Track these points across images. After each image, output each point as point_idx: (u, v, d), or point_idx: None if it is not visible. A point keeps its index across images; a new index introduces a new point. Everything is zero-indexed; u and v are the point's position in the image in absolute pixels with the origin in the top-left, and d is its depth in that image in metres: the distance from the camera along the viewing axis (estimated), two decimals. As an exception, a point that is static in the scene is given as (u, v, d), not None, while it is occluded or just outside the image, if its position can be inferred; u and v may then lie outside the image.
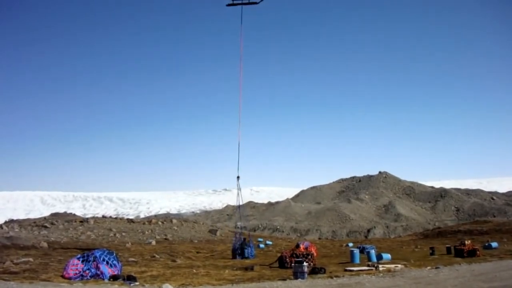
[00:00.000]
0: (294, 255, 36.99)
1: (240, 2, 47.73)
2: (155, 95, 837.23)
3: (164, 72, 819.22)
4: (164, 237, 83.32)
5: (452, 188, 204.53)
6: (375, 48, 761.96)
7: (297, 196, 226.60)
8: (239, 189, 50.78)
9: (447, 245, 55.44)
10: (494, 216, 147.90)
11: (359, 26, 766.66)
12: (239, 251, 50.81)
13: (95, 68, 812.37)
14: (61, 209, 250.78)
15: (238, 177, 50.52)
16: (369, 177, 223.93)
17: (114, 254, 30.64)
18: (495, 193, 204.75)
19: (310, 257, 37.46)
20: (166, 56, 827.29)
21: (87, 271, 28.12)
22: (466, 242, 49.36)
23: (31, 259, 38.18)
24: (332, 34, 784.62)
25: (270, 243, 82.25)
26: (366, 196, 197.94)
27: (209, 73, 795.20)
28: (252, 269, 35.68)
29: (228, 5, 47.81)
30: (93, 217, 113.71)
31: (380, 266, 35.00)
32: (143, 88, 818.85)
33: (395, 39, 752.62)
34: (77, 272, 28.06)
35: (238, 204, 53.30)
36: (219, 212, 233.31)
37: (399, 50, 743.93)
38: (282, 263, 37.94)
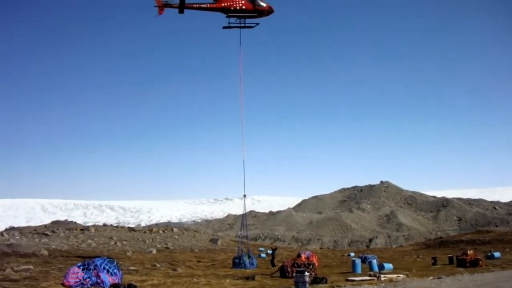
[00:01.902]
0: (296, 265, 36.88)
1: (236, 25, 51.02)
2: (157, 104, 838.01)
3: (166, 81, 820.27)
4: (165, 246, 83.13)
5: (454, 198, 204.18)
6: (377, 57, 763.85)
7: (298, 205, 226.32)
8: (244, 205, 51.86)
9: (449, 255, 55.27)
10: (497, 226, 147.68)
11: (362, 35, 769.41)
12: (237, 261, 50.76)
13: (98, 78, 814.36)
14: (62, 217, 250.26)
15: (244, 195, 51.36)
16: (371, 186, 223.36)
17: (115, 263, 30.51)
18: (497, 202, 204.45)
19: (311, 266, 37.33)
20: (169, 64, 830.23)
21: (87, 280, 27.98)
22: (469, 252, 49.17)
23: (31, 267, 38.04)
24: (335, 44, 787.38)
25: (269, 252, 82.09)
26: (368, 206, 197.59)
27: (211, 81, 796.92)
28: (253, 278, 35.56)
29: (224, 27, 51.07)
30: (94, 225, 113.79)
31: (382, 276, 34.87)
32: (144, 96, 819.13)
33: (398, 49, 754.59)
34: (77, 280, 27.92)
35: (242, 223, 53.80)
36: (220, 221, 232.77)
37: (401, 60, 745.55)
38: (283, 272, 37.81)
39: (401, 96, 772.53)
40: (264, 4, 50.58)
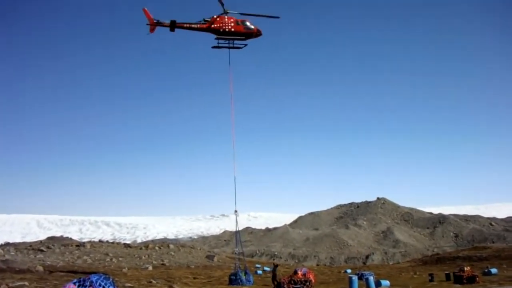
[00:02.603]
0: (292, 282, 36.76)
1: (225, 45, 52.51)
2: (152, 121, 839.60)
3: (161, 99, 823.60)
4: (161, 262, 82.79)
5: (450, 214, 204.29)
6: (371, 73, 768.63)
7: (295, 222, 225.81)
8: (236, 221, 52.11)
9: (446, 272, 55.18)
10: (493, 242, 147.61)
11: (355, 50, 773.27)
12: (233, 277, 50.51)
13: (91, 96, 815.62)
14: (57, 233, 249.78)
15: (236, 211, 51.73)
16: (367, 203, 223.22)
17: (111, 279, 30.28)
18: (494, 219, 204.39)
19: (308, 283, 37.20)
20: (165, 84, 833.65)
21: (83, 296, 27.77)
22: (465, 269, 49.03)
23: (26, 283, 37.84)
24: (330, 59, 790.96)
25: (268, 269, 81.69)
26: (364, 222, 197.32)
27: (206, 99, 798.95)
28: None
29: (214, 47, 52.42)
30: (89, 242, 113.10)
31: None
32: (140, 115, 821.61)
33: (392, 65, 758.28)
34: (72, 297, 27.71)
35: (236, 239, 54.09)
36: (217, 237, 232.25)
37: (394, 76, 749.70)
38: (280, 289, 37.63)
39: (398, 113, 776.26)
40: (252, 27, 52.40)
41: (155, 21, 49.74)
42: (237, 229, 52.87)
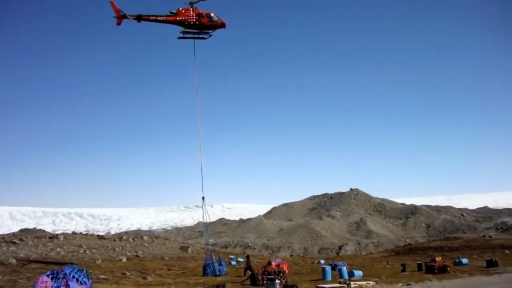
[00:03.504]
0: (266, 272, 36.89)
1: (190, 36, 54.68)
2: (124, 111, 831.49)
3: (139, 90, 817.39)
4: (135, 254, 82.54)
5: (422, 205, 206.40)
6: (344, 60, 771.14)
7: (269, 213, 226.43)
8: (204, 207, 53.12)
9: (418, 262, 55.90)
10: (464, 233, 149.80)
11: (336, 43, 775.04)
12: (207, 267, 50.65)
13: (67, 88, 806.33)
14: (30, 225, 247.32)
15: (203, 198, 53.23)
16: (341, 194, 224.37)
17: (84, 271, 30.14)
18: (465, 209, 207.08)
19: (282, 274, 37.34)
20: (143, 72, 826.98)
21: (56, 289, 27.66)
22: (437, 259, 49.74)
23: (-1, 276, 37.55)
24: (309, 48, 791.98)
25: (242, 260, 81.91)
26: (338, 213, 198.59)
27: (183, 88, 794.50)
28: (223, 286, 35.47)
29: (179, 38, 54.75)
30: (63, 233, 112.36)
31: (352, 283, 35.06)
32: (113, 105, 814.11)
33: (367, 56, 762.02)
34: (46, 289, 27.58)
35: (204, 222, 54.61)
36: (191, 228, 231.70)
37: (369, 66, 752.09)
38: (254, 280, 37.78)
39: (369, 103, 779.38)
40: (216, 19, 54.55)
41: (122, 14, 51.14)
42: (206, 215, 53.23)
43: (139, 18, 51.39)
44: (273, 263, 40.34)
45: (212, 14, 54.09)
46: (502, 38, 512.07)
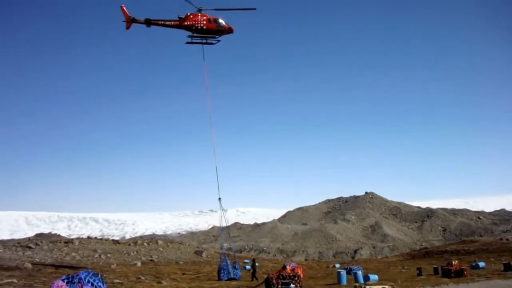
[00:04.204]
0: (281, 277, 36.71)
1: (198, 41, 55.21)
2: (141, 117, 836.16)
3: (151, 95, 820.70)
4: (150, 258, 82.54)
5: (438, 208, 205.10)
6: (357, 66, 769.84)
7: (283, 217, 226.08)
8: (222, 209, 53.52)
9: (434, 266, 55.44)
10: (481, 236, 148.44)
11: (343, 47, 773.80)
12: (222, 270, 50.65)
13: (78, 93, 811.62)
14: (45, 230, 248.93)
15: (219, 199, 53.76)
16: (356, 197, 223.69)
17: (99, 276, 30.18)
18: (482, 212, 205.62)
19: (296, 278, 37.17)
20: (153, 79, 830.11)
21: (71, 293, 27.65)
22: (453, 262, 49.28)
23: (15, 280, 37.65)
24: (316, 52, 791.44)
25: (257, 264, 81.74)
26: (353, 217, 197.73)
27: (196, 95, 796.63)
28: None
29: (187, 43, 55.21)
30: (78, 238, 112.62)
31: (367, 287, 34.83)
32: (128, 110, 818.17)
33: (381, 59, 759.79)
34: (61, 294, 27.58)
35: (221, 224, 54.63)
36: (205, 233, 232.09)
37: (381, 70, 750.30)
38: (268, 284, 37.60)
39: (386, 108, 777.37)
40: (224, 24, 55.05)
41: (131, 18, 51.79)
42: (223, 217, 53.31)
43: (148, 22, 52.07)
44: (288, 268, 40.15)
45: (220, 20, 54.80)
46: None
